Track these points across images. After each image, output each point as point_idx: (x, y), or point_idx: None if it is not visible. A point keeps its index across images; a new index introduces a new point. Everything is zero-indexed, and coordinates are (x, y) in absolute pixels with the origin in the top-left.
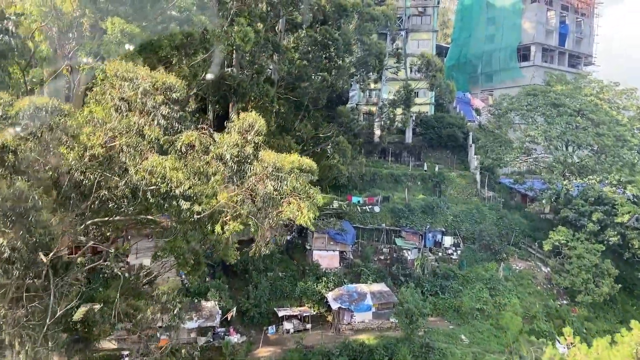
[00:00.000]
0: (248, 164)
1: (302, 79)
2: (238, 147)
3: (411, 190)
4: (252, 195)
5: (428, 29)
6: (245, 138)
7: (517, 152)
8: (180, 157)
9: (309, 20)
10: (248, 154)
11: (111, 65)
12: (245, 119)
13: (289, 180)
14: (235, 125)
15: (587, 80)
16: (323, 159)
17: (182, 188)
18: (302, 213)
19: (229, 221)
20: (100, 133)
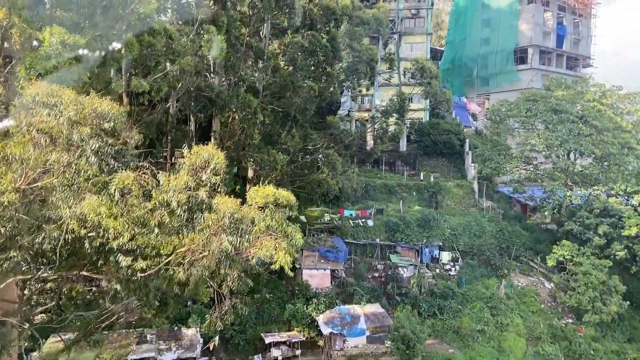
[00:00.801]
0: (201, 212)
1: (287, 88)
2: (189, 190)
3: (406, 202)
4: (205, 251)
5: (422, 32)
6: (198, 179)
7: (517, 161)
8: (116, 202)
9: (295, 25)
10: (201, 200)
11: (30, 88)
12: (199, 154)
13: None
14: (186, 163)
15: (588, 85)
16: (312, 172)
17: (121, 240)
18: (278, 256)
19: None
20: (14, 174)
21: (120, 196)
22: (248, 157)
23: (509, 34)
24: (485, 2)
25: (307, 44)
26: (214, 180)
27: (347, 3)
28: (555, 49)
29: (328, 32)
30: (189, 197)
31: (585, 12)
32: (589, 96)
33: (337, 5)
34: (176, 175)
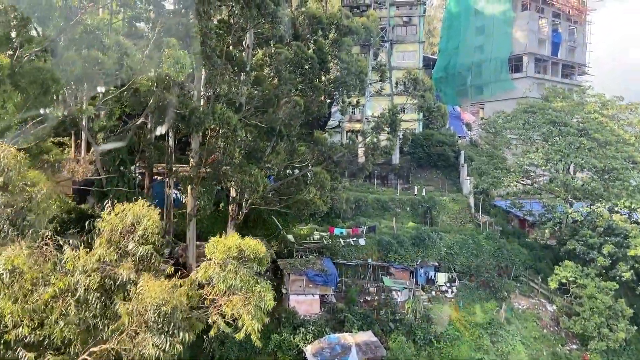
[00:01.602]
0: (123, 296)
1: (271, 103)
2: (108, 266)
3: (400, 218)
4: None
5: (414, 40)
6: (122, 249)
7: (515, 175)
8: (7, 286)
9: (278, 35)
10: (122, 282)
11: None
12: (126, 212)
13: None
14: (107, 227)
15: (587, 94)
16: (299, 190)
17: (20, 330)
18: (244, 320)
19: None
20: None
21: (9, 280)
22: (228, 177)
23: (503, 42)
24: (478, 9)
25: (291, 55)
26: (143, 251)
27: (335, 11)
28: (551, 56)
29: (316, 41)
30: (104, 279)
31: (581, 19)
32: (589, 107)
33: (324, 14)
34: (99, 239)
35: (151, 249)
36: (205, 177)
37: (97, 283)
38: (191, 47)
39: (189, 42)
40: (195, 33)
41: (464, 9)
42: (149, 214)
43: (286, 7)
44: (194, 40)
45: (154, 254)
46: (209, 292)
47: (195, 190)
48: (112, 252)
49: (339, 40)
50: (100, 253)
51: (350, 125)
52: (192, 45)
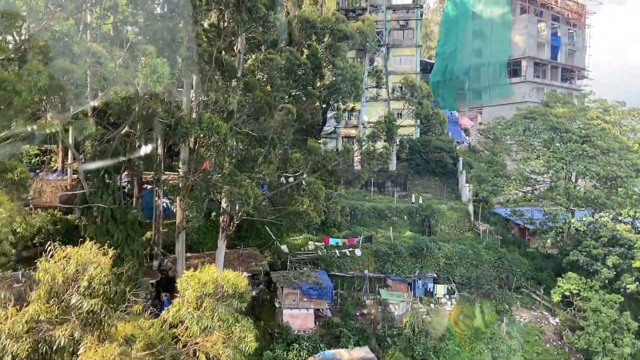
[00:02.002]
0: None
1: (262, 111)
2: (45, 325)
3: (397, 227)
4: None
5: (411, 44)
6: (64, 304)
7: (516, 183)
8: None
9: (269, 40)
10: (60, 347)
11: None
12: (67, 260)
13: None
14: (45, 277)
15: (588, 99)
16: (292, 201)
17: None
18: None
19: None
20: None
21: None
22: (217, 188)
23: (502, 46)
24: (476, 13)
25: (283, 62)
26: (88, 306)
27: (329, 16)
28: (550, 60)
29: (309, 46)
30: (38, 343)
31: (580, 22)
32: (591, 113)
33: (317, 19)
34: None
35: (99, 303)
36: (194, 187)
37: (28, 349)
38: (177, 52)
39: (175, 47)
40: (181, 38)
41: (461, 13)
42: (97, 260)
43: (279, 11)
44: (180, 46)
45: (104, 308)
46: (182, 333)
47: (183, 201)
48: (51, 307)
49: (333, 46)
50: (33, 310)
51: (346, 131)
52: (179, 50)
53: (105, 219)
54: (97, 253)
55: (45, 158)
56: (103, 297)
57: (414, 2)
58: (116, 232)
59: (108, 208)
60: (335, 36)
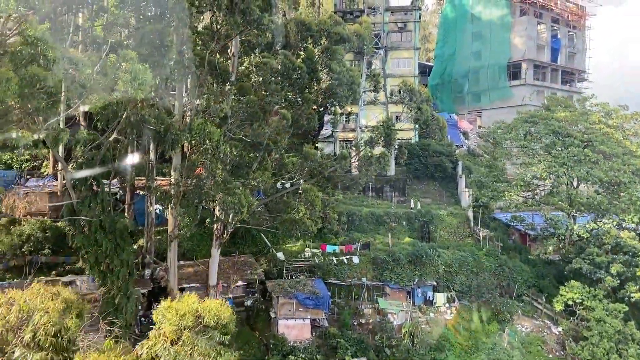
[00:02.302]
0: None
1: (257, 116)
2: None
3: (395, 233)
4: None
5: (409, 47)
6: (6, 355)
7: (517, 189)
8: None
9: (263, 44)
10: None
11: None
12: (9, 303)
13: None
14: None
15: (590, 103)
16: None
17: None
18: None
19: None
20: None
21: None
22: (210, 197)
23: (501, 48)
24: (475, 15)
25: (278, 66)
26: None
27: (325, 18)
28: (550, 63)
29: (306, 48)
30: None
31: (580, 24)
32: (593, 117)
33: (313, 21)
34: None
35: (45, 358)
36: (186, 195)
37: None
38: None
39: (164, 51)
40: (171, 42)
41: (460, 15)
42: (44, 307)
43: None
44: (169, 50)
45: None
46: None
47: (175, 209)
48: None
49: (329, 49)
50: None
51: (343, 135)
52: (168, 54)
53: (93, 228)
54: (45, 297)
55: (37, 163)
56: (51, 349)
57: (412, 4)
58: (105, 242)
59: (96, 217)
60: (331, 39)
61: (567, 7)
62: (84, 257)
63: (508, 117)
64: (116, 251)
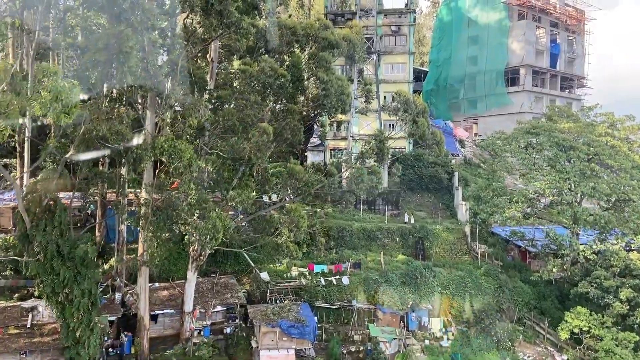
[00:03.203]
0: None
1: (235, 129)
2: None
3: (388, 249)
4: None
5: (403, 51)
6: None
7: (518, 205)
8: None
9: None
10: None
11: None
12: None
13: None
14: None
15: (594, 112)
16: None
17: None
18: None
19: None
20: None
21: None
22: (182, 220)
23: (499, 53)
24: (471, 18)
25: (259, 74)
26: None
27: (312, 21)
28: (549, 69)
29: (292, 53)
30: None
31: (579, 28)
32: (599, 129)
33: (298, 25)
34: None
35: None
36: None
37: None
38: (125, 64)
39: (123, 58)
40: (129, 48)
41: (456, 18)
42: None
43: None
44: (128, 56)
45: None
46: None
47: (144, 232)
48: None
49: (316, 55)
50: None
51: (334, 143)
52: (128, 61)
53: (49, 255)
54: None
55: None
56: None
57: (407, 6)
58: (63, 269)
59: (53, 242)
60: (319, 44)
61: (566, 11)
62: (39, 286)
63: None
64: (76, 280)
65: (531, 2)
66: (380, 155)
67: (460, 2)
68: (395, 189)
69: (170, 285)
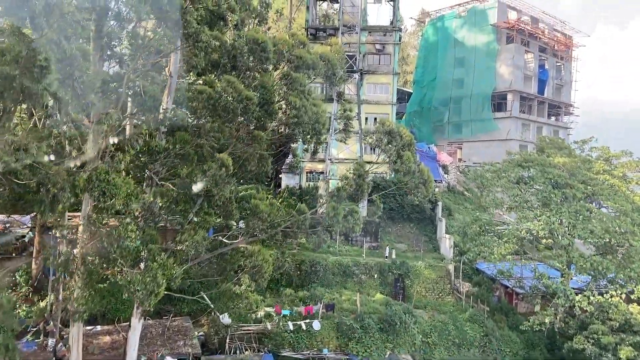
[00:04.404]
0: None
1: (189, 160)
2: None
3: (365, 287)
4: None
5: (387, 71)
6: None
7: (508, 246)
8: None
9: (201, 66)
10: None
11: None
12: None
13: None
14: None
15: (589, 147)
16: (227, 275)
17: None
18: None
19: None
20: None
21: None
22: (118, 267)
23: (486, 77)
24: (458, 39)
25: (217, 96)
26: None
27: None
28: (537, 95)
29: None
30: None
31: (567, 54)
32: (597, 167)
33: (269, 40)
34: None
35: None
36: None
37: None
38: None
39: (38, 73)
40: (44, 60)
41: (442, 38)
42: None
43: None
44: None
45: None
46: None
47: (74, 279)
48: None
49: (289, 76)
50: None
51: (311, 166)
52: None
53: None
54: None
55: None
56: None
57: (392, 24)
58: None
59: None
60: (292, 64)
61: (555, 36)
62: None
63: (491, 152)
64: None
65: (520, 26)
66: (359, 193)
67: (447, 22)
68: (374, 219)
69: (115, 329)
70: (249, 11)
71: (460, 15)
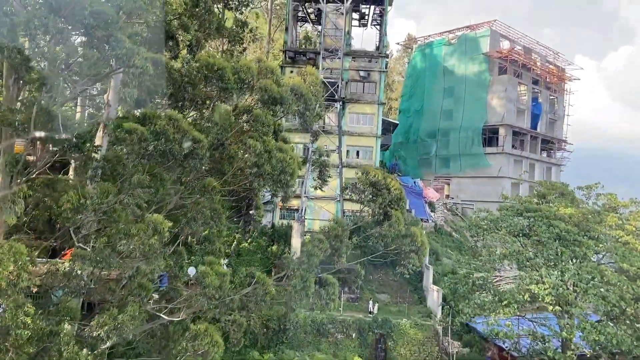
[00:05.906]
0: None
1: (113, 220)
2: None
3: (342, 348)
4: None
5: (372, 100)
6: None
7: (509, 310)
8: None
9: (130, 98)
10: None
11: None
12: None
13: None
14: None
15: (595, 194)
16: (170, 353)
17: None
18: None
19: None
20: None
21: None
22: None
23: (477, 109)
24: (448, 68)
25: (152, 136)
26: None
27: (248, 62)
28: (530, 130)
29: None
30: None
31: (560, 88)
32: (610, 221)
33: (227, 65)
34: None
35: None
36: None
37: None
38: None
39: None
40: None
41: (430, 66)
42: None
43: (173, 49)
44: None
45: None
46: None
47: None
48: None
49: (250, 112)
50: None
51: None
52: None
53: None
54: None
55: None
56: None
57: (378, 49)
58: None
59: None
60: (256, 96)
61: (548, 68)
62: None
63: (481, 190)
64: None
65: (514, 56)
66: (337, 256)
67: (435, 50)
68: (353, 268)
69: None
70: (209, 29)
71: (450, 42)
